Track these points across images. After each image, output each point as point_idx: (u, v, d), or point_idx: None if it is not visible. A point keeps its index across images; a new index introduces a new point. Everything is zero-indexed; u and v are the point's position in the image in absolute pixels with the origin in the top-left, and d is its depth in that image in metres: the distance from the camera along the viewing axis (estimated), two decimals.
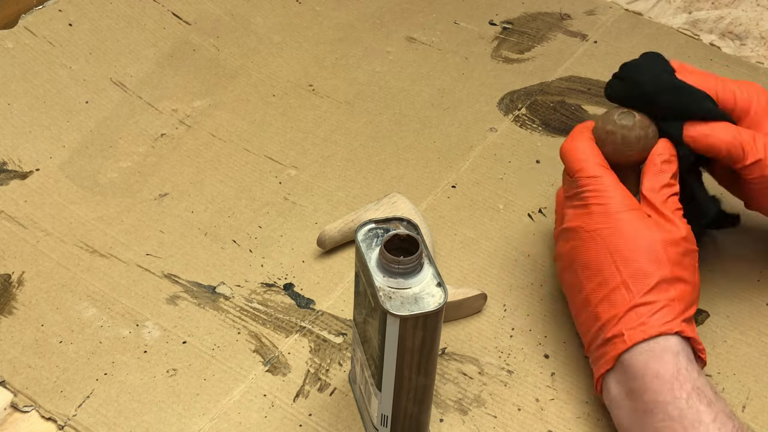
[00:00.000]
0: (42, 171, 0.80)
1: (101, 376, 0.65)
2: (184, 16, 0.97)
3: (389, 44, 0.97)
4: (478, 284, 0.72)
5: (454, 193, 0.80)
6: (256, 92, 0.90)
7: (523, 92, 0.91)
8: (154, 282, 0.72)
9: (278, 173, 0.82)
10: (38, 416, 0.63)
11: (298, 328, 0.69)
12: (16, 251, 0.73)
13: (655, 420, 0.56)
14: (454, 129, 0.87)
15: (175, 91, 0.89)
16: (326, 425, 0.63)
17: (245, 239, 0.75)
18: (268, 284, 0.72)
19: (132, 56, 0.92)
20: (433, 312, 0.52)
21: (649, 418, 0.57)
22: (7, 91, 0.86)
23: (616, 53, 0.96)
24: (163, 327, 0.68)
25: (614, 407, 0.60)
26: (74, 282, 0.71)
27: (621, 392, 0.59)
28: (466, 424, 0.63)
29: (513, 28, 0.99)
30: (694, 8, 1.03)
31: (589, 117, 0.88)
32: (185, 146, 0.84)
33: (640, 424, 0.57)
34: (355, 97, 0.90)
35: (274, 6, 1.01)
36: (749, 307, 0.71)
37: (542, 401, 0.65)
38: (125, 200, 0.78)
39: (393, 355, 0.54)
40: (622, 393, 0.59)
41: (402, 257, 0.52)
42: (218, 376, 0.65)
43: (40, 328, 0.68)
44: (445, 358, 0.67)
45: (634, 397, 0.58)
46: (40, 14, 0.93)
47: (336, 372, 0.66)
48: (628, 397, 0.59)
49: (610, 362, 0.60)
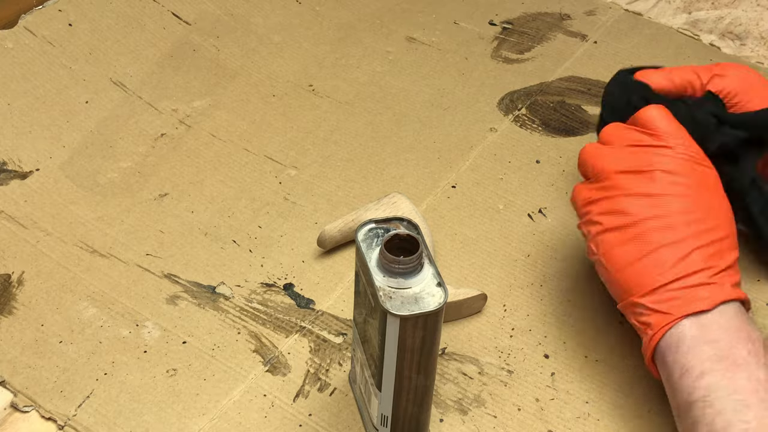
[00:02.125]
0: (42, 171, 0.80)
1: (101, 376, 0.65)
2: (184, 16, 0.97)
3: (389, 44, 0.97)
4: (478, 284, 0.72)
5: (454, 193, 0.80)
6: (256, 92, 0.90)
7: (523, 92, 0.91)
8: (154, 282, 0.72)
9: (278, 173, 0.82)
10: (38, 416, 0.63)
11: (298, 328, 0.69)
12: (16, 251, 0.73)
13: (740, 376, 0.55)
14: (454, 129, 0.87)
15: (175, 91, 0.89)
16: (326, 425, 0.63)
17: (245, 239, 0.75)
18: (268, 284, 0.72)
19: (132, 56, 0.92)
20: (433, 312, 0.52)
21: (732, 371, 0.55)
22: (7, 91, 0.86)
23: (616, 53, 0.96)
24: (163, 327, 0.68)
25: (686, 349, 0.58)
26: (74, 282, 0.71)
27: (702, 337, 0.57)
28: (466, 424, 0.63)
29: (513, 28, 0.99)
30: (694, 8, 1.03)
31: (589, 117, 0.88)
32: (185, 146, 0.84)
33: (719, 374, 0.55)
34: (355, 97, 0.90)
35: (274, 6, 1.01)
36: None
37: (542, 401, 0.65)
38: (125, 200, 0.78)
39: (393, 355, 0.54)
40: (703, 338, 0.57)
41: (402, 257, 0.52)
42: (218, 376, 0.65)
43: (40, 328, 0.68)
44: (445, 358, 0.67)
45: (719, 346, 0.57)
46: (40, 14, 0.93)
47: (336, 372, 0.66)
48: (711, 344, 0.57)
49: (708, 304, 0.58)
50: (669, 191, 0.61)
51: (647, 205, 0.61)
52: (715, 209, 0.62)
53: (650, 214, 0.61)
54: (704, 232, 0.60)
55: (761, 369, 0.56)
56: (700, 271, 0.59)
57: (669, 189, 0.61)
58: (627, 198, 0.61)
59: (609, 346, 0.68)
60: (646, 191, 0.61)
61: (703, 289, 0.59)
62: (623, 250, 0.61)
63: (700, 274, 0.59)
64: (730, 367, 0.56)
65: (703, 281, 0.59)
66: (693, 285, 0.59)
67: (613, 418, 0.64)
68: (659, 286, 0.59)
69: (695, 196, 0.61)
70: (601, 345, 0.68)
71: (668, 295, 0.59)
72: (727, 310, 0.58)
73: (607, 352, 0.68)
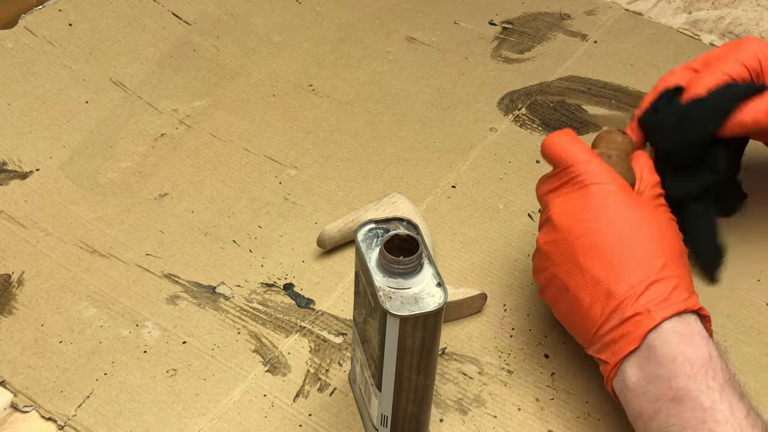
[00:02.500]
0: (42, 171, 0.80)
1: (101, 376, 0.65)
2: (184, 16, 0.97)
3: (389, 44, 0.97)
4: (478, 284, 0.72)
5: (454, 193, 0.80)
6: (256, 92, 0.90)
7: (523, 92, 0.91)
8: (154, 282, 0.72)
9: (278, 173, 0.82)
10: (38, 416, 0.63)
11: (298, 328, 0.69)
12: (16, 251, 0.73)
13: (684, 409, 0.52)
14: (454, 129, 0.87)
15: (175, 91, 0.89)
16: (326, 425, 0.63)
17: (245, 239, 0.75)
18: (268, 284, 0.72)
19: (132, 56, 0.92)
20: (433, 312, 0.52)
21: (676, 407, 0.53)
22: (7, 91, 0.86)
23: (616, 53, 0.96)
24: (163, 327, 0.68)
25: (632, 395, 0.56)
26: (74, 282, 0.71)
27: (642, 378, 0.55)
28: (466, 424, 0.63)
29: (513, 28, 0.99)
30: (694, 8, 1.03)
31: (589, 117, 0.88)
32: (185, 146, 0.84)
33: (666, 414, 0.53)
34: (355, 97, 0.90)
35: (274, 6, 1.01)
36: (749, 307, 0.71)
37: (542, 401, 0.65)
38: (125, 200, 0.78)
39: (393, 355, 0.54)
40: (643, 379, 0.55)
41: (402, 257, 0.52)
42: (218, 376, 0.65)
43: (40, 328, 0.68)
44: (445, 358, 0.67)
45: (659, 383, 0.54)
46: (40, 14, 0.93)
47: (336, 372, 0.66)
48: (652, 383, 0.54)
49: (634, 342, 0.55)
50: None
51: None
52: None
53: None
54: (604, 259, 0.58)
55: (704, 393, 0.53)
56: (618, 308, 0.57)
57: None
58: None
59: None
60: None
61: (629, 323, 0.56)
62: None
63: (618, 311, 0.57)
64: (673, 403, 0.53)
65: (625, 317, 0.56)
66: (618, 324, 0.56)
67: (613, 418, 0.64)
68: (592, 336, 0.58)
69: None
70: None
71: (599, 345, 0.58)
72: (657, 338, 0.55)
73: None
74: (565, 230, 0.60)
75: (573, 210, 0.60)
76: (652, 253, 0.58)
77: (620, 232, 0.59)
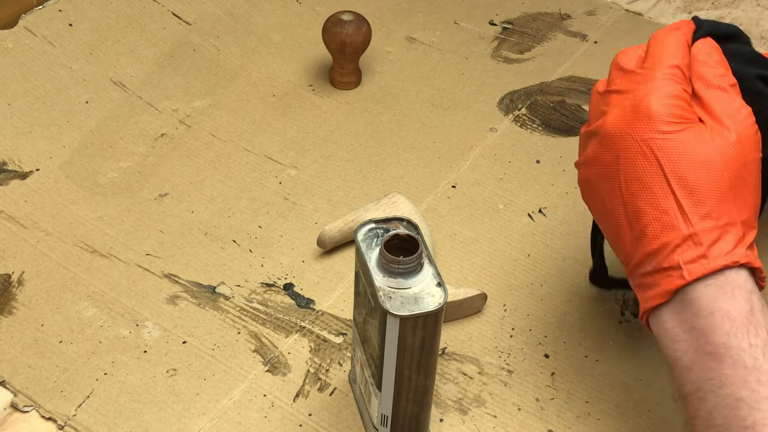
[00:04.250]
0: (42, 171, 0.80)
1: (101, 376, 0.65)
2: (184, 16, 0.97)
3: (389, 44, 0.97)
4: (478, 284, 0.72)
5: (454, 193, 0.80)
6: (256, 92, 0.90)
7: (523, 92, 0.91)
8: (154, 282, 0.72)
9: (278, 173, 0.82)
10: (38, 416, 0.63)
11: (298, 328, 0.69)
12: (16, 251, 0.73)
13: (724, 365, 0.49)
14: (454, 129, 0.87)
15: (175, 91, 0.89)
16: (326, 425, 0.63)
17: (245, 239, 0.75)
18: (268, 284, 0.72)
19: (132, 56, 0.92)
20: (433, 312, 0.52)
21: (715, 362, 0.50)
22: (7, 91, 0.86)
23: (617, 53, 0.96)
24: (163, 327, 0.68)
25: (669, 340, 0.52)
26: (74, 282, 0.71)
27: (680, 327, 0.52)
28: (466, 424, 0.63)
29: (513, 28, 0.99)
30: (694, 8, 1.03)
31: (589, 117, 0.88)
32: (185, 146, 0.84)
33: (703, 367, 0.50)
34: (355, 97, 0.90)
35: (274, 6, 1.01)
36: None
37: (542, 401, 0.65)
38: (125, 200, 0.78)
39: (393, 355, 0.54)
40: (680, 328, 0.52)
41: (402, 257, 0.52)
42: (218, 376, 0.65)
43: (40, 328, 0.68)
44: (445, 358, 0.67)
45: (697, 335, 0.51)
46: (40, 14, 0.93)
47: (336, 372, 0.66)
48: (690, 333, 0.51)
49: (664, 296, 0.52)
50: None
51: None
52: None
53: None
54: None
55: (746, 352, 0.49)
56: (657, 252, 0.52)
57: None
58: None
59: (609, 346, 0.68)
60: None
61: (673, 272, 0.52)
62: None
63: (655, 257, 0.52)
64: (711, 358, 0.50)
65: (660, 267, 0.52)
66: (665, 267, 0.52)
67: (613, 418, 0.64)
68: (630, 266, 0.54)
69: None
70: (601, 345, 0.68)
71: (635, 281, 0.54)
72: (694, 289, 0.51)
73: (607, 352, 0.68)
74: (613, 151, 0.55)
75: (625, 129, 0.55)
76: (698, 195, 0.52)
77: (666, 167, 0.53)
